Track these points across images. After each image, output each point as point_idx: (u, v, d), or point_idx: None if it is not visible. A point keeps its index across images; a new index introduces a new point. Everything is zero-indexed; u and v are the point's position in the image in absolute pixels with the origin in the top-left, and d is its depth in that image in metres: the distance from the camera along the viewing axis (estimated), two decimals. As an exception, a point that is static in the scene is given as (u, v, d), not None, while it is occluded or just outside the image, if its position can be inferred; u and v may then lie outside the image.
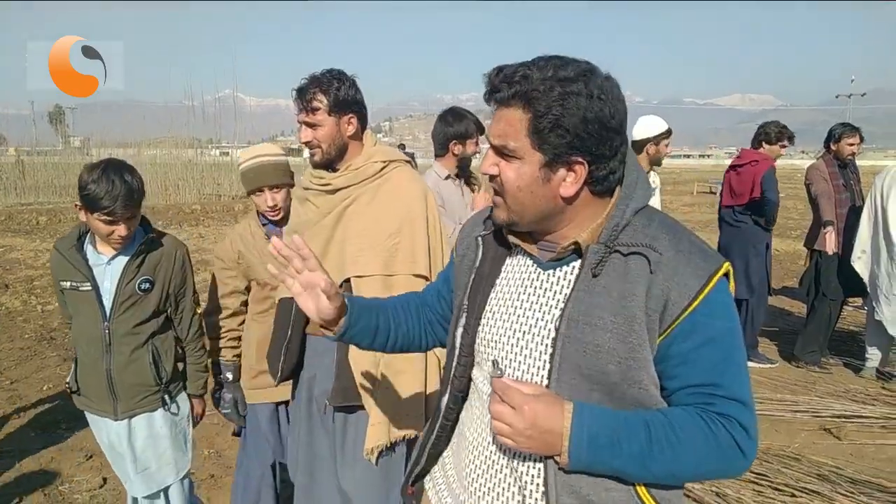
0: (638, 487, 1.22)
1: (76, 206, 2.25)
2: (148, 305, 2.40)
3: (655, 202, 4.51)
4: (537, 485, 1.25)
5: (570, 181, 1.21)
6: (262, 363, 2.63)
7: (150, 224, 2.46)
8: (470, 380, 1.44)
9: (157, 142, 27.30)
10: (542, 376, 1.24)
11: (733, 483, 3.59)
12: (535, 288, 1.29)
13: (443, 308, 1.60)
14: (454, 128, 3.59)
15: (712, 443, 1.16)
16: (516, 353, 1.28)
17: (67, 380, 2.50)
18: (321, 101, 2.24)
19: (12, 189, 22.11)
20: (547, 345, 1.23)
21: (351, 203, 2.33)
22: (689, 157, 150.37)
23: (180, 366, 2.57)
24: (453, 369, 1.43)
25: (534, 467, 1.25)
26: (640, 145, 4.46)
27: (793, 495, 3.46)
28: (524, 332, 1.27)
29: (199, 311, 2.60)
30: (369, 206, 2.31)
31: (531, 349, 1.26)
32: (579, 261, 1.24)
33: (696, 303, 1.15)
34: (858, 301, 6.78)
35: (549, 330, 1.23)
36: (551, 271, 1.28)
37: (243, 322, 2.76)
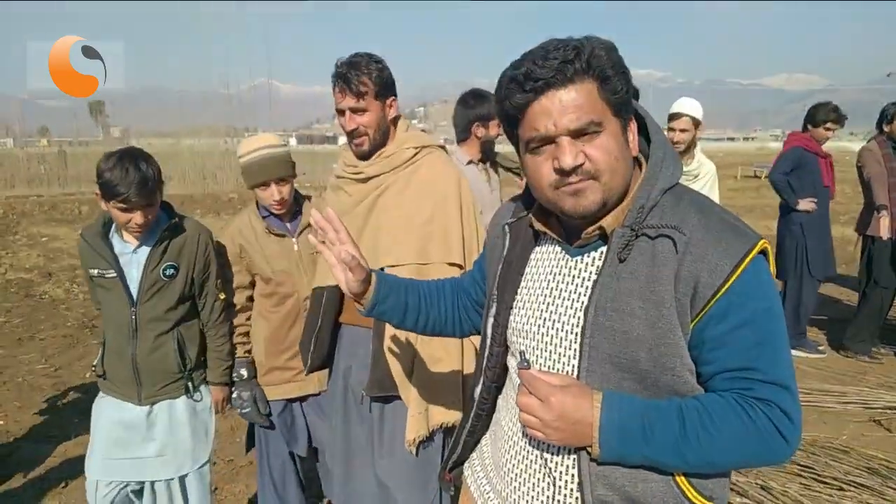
0: (677, 477, 1.17)
1: (96, 194, 2.26)
2: (174, 291, 2.40)
3: (711, 193, 4.29)
4: (572, 475, 1.22)
5: (632, 137, 1.21)
6: (272, 359, 2.63)
7: (172, 209, 2.45)
8: (505, 369, 1.43)
9: (195, 130, 27.65)
10: (573, 366, 1.21)
11: (779, 475, 3.50)
12: (564, 276, 1.26)
13: (478, 294, 1.60)
14: (476, 110, 3.50)
15: (751, 429, 1.11)
16: (546, 343, 1.25)
17: (94, 363, 2.51)
18: (367, 85, 2.18)
19: (55, 179, 22.65)
20: (577, 334, 1.20)
21: (383, 191, 2.29)
22: (732, 139, 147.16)
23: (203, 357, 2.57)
24: (486, 359, 1.43)
25: (567, 458, 1.23)
26: None
27: (841, 489, 3.36)
28: (553, 322, 1.24)
29: (222, 297, 2.56)
30: (402, 194, 2.28)
31: (560, 339, 1.23)
32: (605, 246, 1.21)
33: (728, 283, 1.10)
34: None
35: (578, 318, 1.20)
36: (579, 258, 1.25)
37: (250, 318, 2.70)
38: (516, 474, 1.32)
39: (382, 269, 2.23)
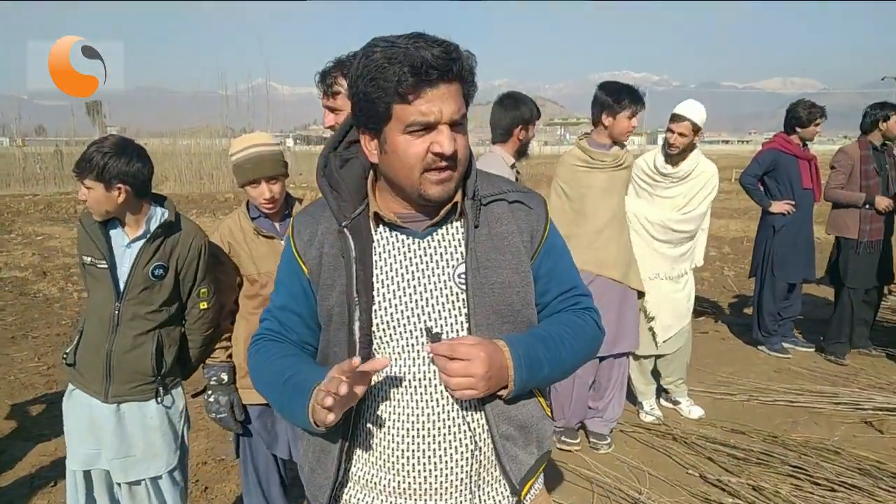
0: (538, 397, 1.45)
1: None
2: (160, 292, 2.36)
3: (699, 203, 4.11)
4: (482, 426, 1.37)
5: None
6: None
7: (170, 206, 2.42)
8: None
9: (192, 131, 27.64)
10: (458, 329, 1.35)
11: (771, 476, 3.52)
12: (421, 256, 1.37)
13: (313, 329, 1.47)
14: (519, 111, 3.48)
15: (588, 330, 1.45)
16: (425, 320, 1.34)
17: (67, 350, 2.42)
18: (341, 85, 2.20)
19: (52, 178, 22.63)
20: (454, 299, 1.35)
21: None
22: (727, 142, 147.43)
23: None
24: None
25: (477, 412, 1.36)
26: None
27: (832, 489, 3.37)
28: (427, 298, 1.34)
29: (203, 307, 2.48)
30: None
31: (440, 308, 1.35)
32: (453, 219, 1.38)
33: (546, 229, 1.44)
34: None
35: (452, 285, 1.35)
36: (429, 237, 1.38)
37: (235, 322, 2.64)
38: (435, 449, 1.34)
39: None
